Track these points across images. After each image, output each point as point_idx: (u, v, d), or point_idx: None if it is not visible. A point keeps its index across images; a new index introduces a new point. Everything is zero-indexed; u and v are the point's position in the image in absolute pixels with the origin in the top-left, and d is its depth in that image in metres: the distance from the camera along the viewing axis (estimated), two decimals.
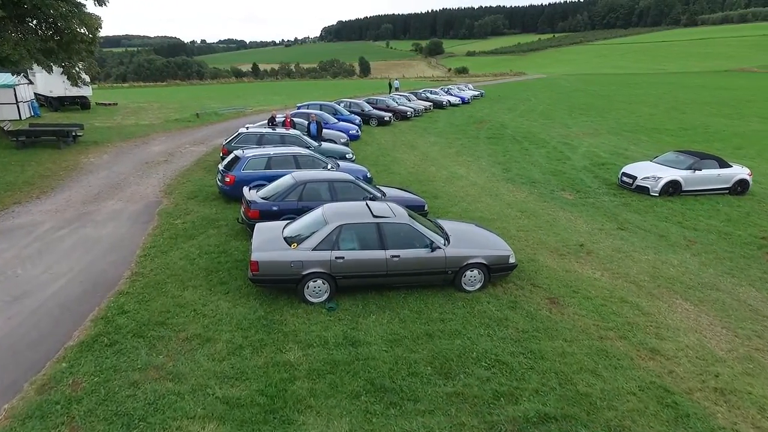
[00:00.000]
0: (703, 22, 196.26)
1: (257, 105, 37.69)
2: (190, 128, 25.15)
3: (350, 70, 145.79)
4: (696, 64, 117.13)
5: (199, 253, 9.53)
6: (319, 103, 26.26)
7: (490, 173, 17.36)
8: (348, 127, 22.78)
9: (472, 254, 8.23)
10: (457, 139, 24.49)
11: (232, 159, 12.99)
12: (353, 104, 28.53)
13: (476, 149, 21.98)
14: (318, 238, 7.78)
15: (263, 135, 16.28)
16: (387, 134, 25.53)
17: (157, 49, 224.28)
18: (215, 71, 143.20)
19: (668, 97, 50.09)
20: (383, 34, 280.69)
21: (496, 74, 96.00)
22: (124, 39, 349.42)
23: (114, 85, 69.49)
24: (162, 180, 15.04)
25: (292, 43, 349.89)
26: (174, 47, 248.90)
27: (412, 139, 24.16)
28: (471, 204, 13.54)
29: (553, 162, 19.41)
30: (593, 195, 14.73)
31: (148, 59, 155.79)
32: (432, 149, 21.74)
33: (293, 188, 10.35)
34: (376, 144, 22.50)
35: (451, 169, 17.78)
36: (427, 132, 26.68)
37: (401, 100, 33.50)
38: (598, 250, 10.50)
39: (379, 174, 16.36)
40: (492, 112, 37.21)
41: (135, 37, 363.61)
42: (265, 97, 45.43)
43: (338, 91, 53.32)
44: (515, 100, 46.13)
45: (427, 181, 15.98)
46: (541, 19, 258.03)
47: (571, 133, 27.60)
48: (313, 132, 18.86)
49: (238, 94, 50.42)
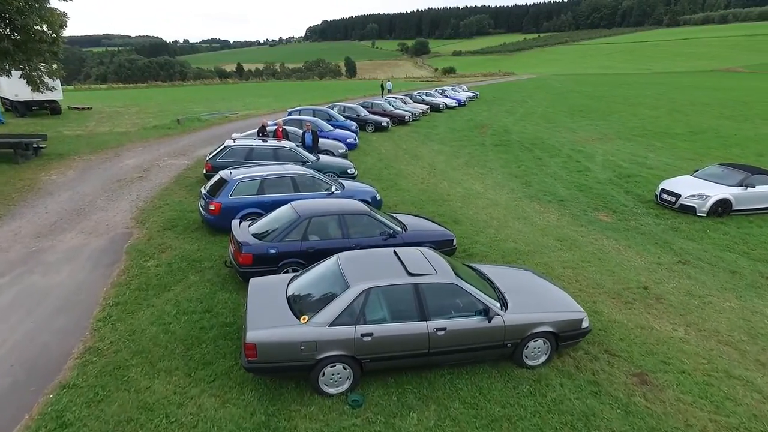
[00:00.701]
0: (685, 23, 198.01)
1: (243, 108, 35.32)
2: (170, 136, 22.77)
3: (336, 71, 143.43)
4: (682, 64, 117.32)
5: (175, 313, 7.37)
6: (312, 108, 24.07)
7: (509, 189, 15.41)
8: (345, 134, 20.66)
9: (537, 320, 6.22)
10: (463, 147, 22.54)
11: (217, 182, 10.80)
12: (348, 108, 26.40)
13: (486, 159, 20.04)
14: (337, 308, 5.69)
15: (253, 149, 14.10)
16: (386, 141, 23.47)
17: (139, 48, 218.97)
18: (198, 71, 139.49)
19: (665, 99, 48.90)
20: (369, 34, 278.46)
21: (486, 74, 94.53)
22: (105, 38, 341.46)
23: (91, 87, 66.22)
24: (134, 203, 12.76)
25: (277, 42, 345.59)
26: (156, 47, 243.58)
27: (415, 148, 22.14)
28: (499, 231, 11.56)
29: (573, 174, 17.56)
30: (633, 216, 12.88)
31: (129, 59, 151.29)
32: (438, 159, 19.75)
33: (295, 224, 8.24)
34: (376, 154, 20.43)
35: (466, 185, 15.79)
36: (428, 139, 24.68)
37: (397, 104, 31.48)
38: (666, 294, 8.60)
39: (386, 192, 14.31)
40: (491, 115, 35.39)
41: (116, 37, 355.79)
42: (251, 100, 43.01)
43: (327, 93, 51.11)
44: (512, 102, 44.43)
45: (442, 200, 13.97)
46: (526, 18, 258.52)
47: (579, 138, 25.88)
48: (308, 143, 16.73)
49: (223, 96, 47.88)
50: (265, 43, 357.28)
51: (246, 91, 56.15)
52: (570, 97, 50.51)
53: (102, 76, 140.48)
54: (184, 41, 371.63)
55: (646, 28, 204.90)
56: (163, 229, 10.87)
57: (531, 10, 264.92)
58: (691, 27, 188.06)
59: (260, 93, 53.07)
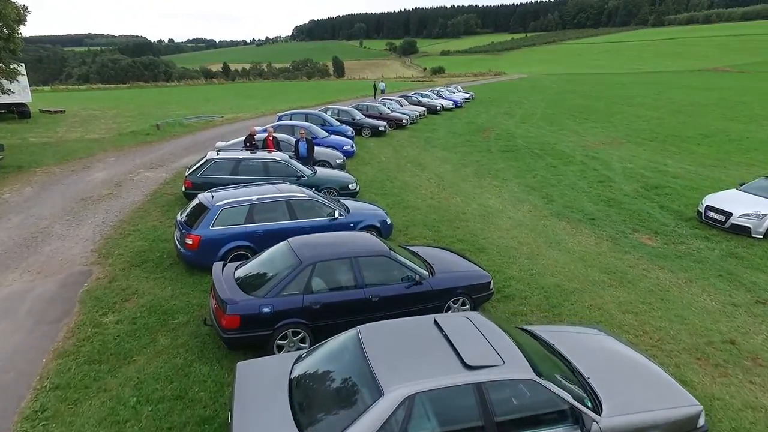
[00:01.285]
0: (670, 23, 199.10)
1: (229, 111, 33.17)
2: (148, 144, 20.64)
3: (324, 70, 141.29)
4: (670, 64, 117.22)
5: (136, 401, 5.42)
6: (304, 112, 22.10)
7: (530, 205, 13.64)
8: (341, 141, 18.74)
9: (645, 424, 4.41)
10: (469, 154, 20.76)
11: (196, 208, 8.84)
12: (342, 112, 24.47)
13: (496, 168, 18.28)
14: (371, 425, 3.82)
15: (239, 162, 12.12)
16: (385, 147, 21.59)
17: (122, 48, 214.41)
18: (184, 71, 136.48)
19: (663, 99, 47.74)
20: (356, 33, 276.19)
21: (477, 74, 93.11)
22: (87, 38, 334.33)
23: (69, 88, 63.26)
24: (99, 229, 10.73)
25: (264, 42, 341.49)
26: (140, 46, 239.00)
27: (417, 155, 20.30)
28: (532, 260, 9.77)
29: (595, 185, 15.87)
30: (679, 239, 11.17)
31: (112, 59, 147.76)
32: (445, 169, 17.93)
33: (295, 272, 6.33)
34: (376, 162, 18.54)
35: (481, 200, 13.98)
36: (430, 144, 22.85)
37: (393, 106, 29.62)
38: (762, 351, 6.85)
39: (393, 210, 12.46)
40: (490, 117, 33.71)
41: (99, 36, 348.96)
42: (237, 102, 40.82)
43: (317, 94, 49.10)
44: (509, 103, 42.84)
45: (458, 220, 12.14)
46: (513, 18, 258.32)
47: (588, 142, 24.29)
48: (303, 153, 14.79)
49: (208, 98, 45.60)
50: (251, 42, 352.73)
51: (232, 92, 53.88)
52: (567, 97, 49.12)
53: (84, 77, 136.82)
54: (169, 41, 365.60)
55: (632, 28, 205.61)
56: (130, 266, 8.88)
57: (518, 9, 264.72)
58: (676, 27, 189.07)
59: (247, 94, 50.85)
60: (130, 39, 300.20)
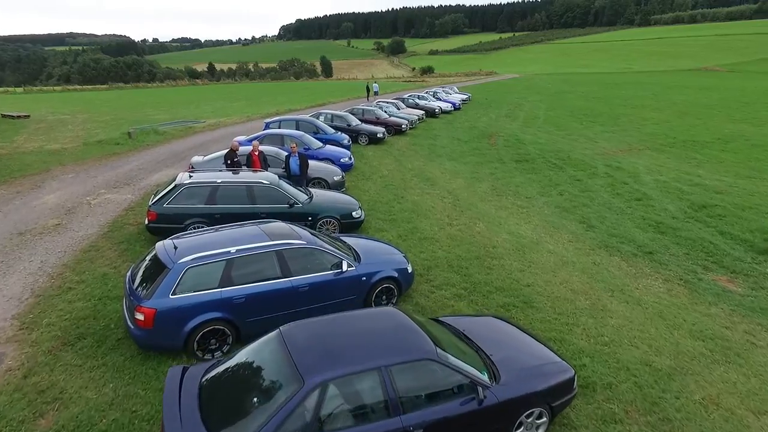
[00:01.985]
0: (656, 22, 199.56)
1: (212, 115, 30.51)
2: (116, 156, 17.98)
3: (312, 70, 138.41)
4: (659, 63, 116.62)
5: None
6: (294, 118, 19.58)
7: (568, 233, 11.37)
8: (338, 153, 16.32)
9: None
10: (479, 165, 18.49)
11: (151, 264, 6.38)
12: (336, 117, 22.01)
13: (514, 182, 16.01)
14: None
15: (217, 188, 9.64)
16: (386, 158, 19.21)
17: (105, 47, 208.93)
18: (168, 71, 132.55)
19: (664, 100, 46.09)
20: (344, 33, 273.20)
21: (468, 74, 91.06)
22: (69, 37, 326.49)
23: (43, 89, 59.68)
24: (32, 280, 8.20)
25: (250, 41, 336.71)
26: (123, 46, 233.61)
27: (422, 166, 17.95)
28: (598, 320, 7.48)
29: (633, 204, 13.69)
30: (763, 279, 9.01)
31: (94, 59, 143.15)
32: (456, 184, 15.61)
33: (295, 402, 3.90)
34: (377, 177, 16.13)
35: (509, 226, 11.68)
36: (434, 153, 20.53)
37: (390, 109, 27.24)
38: None
39: (407, 243, 10.13)
40: (492, 120, 31.52)
41: (80, 35, 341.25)
42: (222, 104, 38.10)
43: (306, 96, 46.50)
44: (508, 105, 40.72)
45: (488, 256, 9.81)
46: (500, 18, 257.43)
47: (604, 149, 22.22)
48: (295, 170, 12.39)
49: (191, 100, 42.77)
50: (237, 42, 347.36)
51: (217, 94, 51.03)
52: (566, 98, 47.21)
53: (65, 77, 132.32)
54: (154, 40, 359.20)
55: (619, 27, 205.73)
56: (61, 344, 6.39)
57: (505, 9, 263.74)
58: (662, 27, 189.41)
59: (232, 95, 48.07)
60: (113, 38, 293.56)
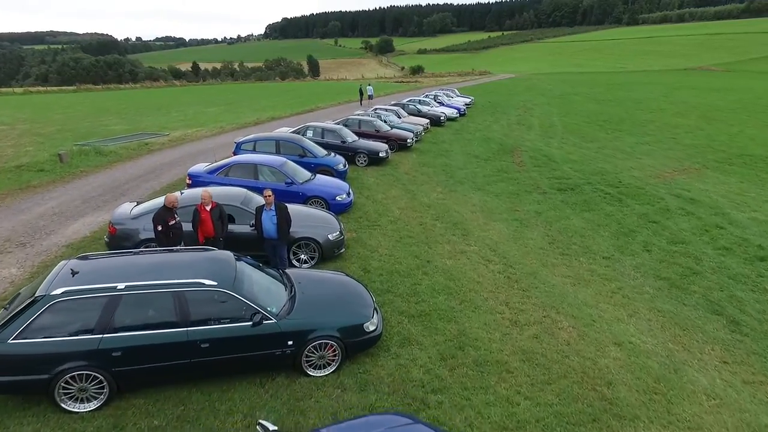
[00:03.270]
0: (644, 21, 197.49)
1: (181, 124, 25.72)
2: (31, 190, 13.20)
3: (299, 70, 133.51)
4: (653, 62, 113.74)
5: None
6: (275, 138, 14.89)
7: (710, 339, 7.02)
8: (331, 188, 11.74)
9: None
10: (516, 197, 14.13)
11: None
12: (327, 132, 17.43)
13: (572, 227, 11.67)
14: None
15: (118, 302, 5.07)
16: (393, 187, 14.69)
17: (86, 46, 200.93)
18: (151, 71, 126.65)
19: (678, 102, 42.33)
20: (331, 32, 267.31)
21: (462, 73, 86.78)
22: (49, 35, 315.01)
23: (1, 90, 53.96)
24: None
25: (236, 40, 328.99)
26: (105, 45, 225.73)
27: (443, 201, 13.51)
28: None
29: (759, 267, 9.46)
30: None
31: (74, 58, 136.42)
32: (497, 231, 11.21)
33: None
34: (387, 220, 11.58)
35: (612, 328, 7.24)
36: (453, 177, 16.11)
37: (390, 118, 22.76)
38: None
39: (456, 376, 5.72)
40: (505, 129, 27.23)
41: (61, 34, 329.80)
42: (196, 110, 33.22)
43: (292, 99, 41.74)
44: (516, 109, 36.48)
45: (609, 414, 5.40)
46: (488, 16, 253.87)
47: (653, 169, 18.13)
48: (270, 232, 7.95)
49: (164, 104, 37.74)
50: (223, 41, 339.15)
51: (195, 96, 45.96)
52: (573, 101, 43.16)
53: (42, 76, 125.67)
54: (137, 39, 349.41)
55: (607, 26, 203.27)
56: None
57: (493, 8, 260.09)
58: (651, 26, 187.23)
59: (211, 99, 43.10)
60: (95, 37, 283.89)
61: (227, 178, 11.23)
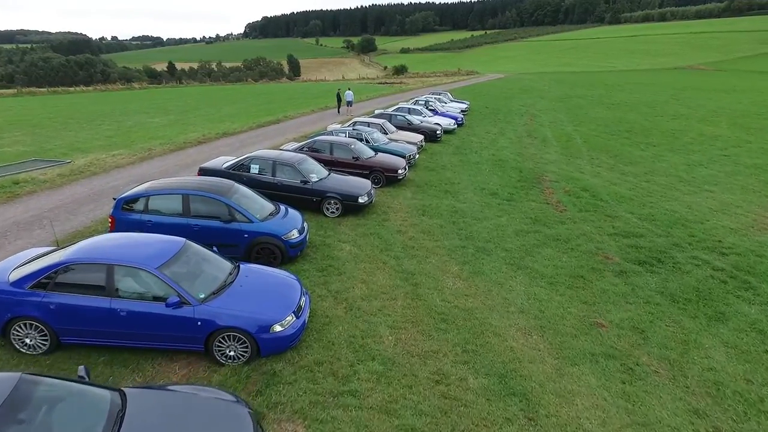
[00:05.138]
0: (626, 20, 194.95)
1: (100, 144, 19.50)
2: None
3: (278, 69, 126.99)
4: (641, 61, 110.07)
5: None
6: (180, 191, 8.94)
7: None
8: (260, 310, 5.99)
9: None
10: (583, 285, 8.46)
11: None
12: (280, 166, 11.46)
13: (723, 376, 6.08)
14: None
15: None
16: (378, 266, 8.84)
17: (56, 46, 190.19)
18: (124, 71, 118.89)
19: (694, 106, 37.43)
20: (312, 31, 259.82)
21: (448, 73, 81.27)
22: (19, 34, 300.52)
23: None
24: None
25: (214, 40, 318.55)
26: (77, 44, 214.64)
27: (464, 298, 7.76)
28: None
29: None
30: None
31: (43, 57, 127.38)
32: (588, 399, 5.53)
33: None
34: (368, 373, 5.84)
35: None
36: (470, 240, 10.32)
37: (375, 136, 16.94)
38: None
39: None
40: (516, 145, 21.66)
41: (32, 33, 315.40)
42: (138, 120, 26.87)
43: (262, 104, 35.56)
44: (519, 116, 30.99)
45: None
46: (471, 15, 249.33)
47: (739, 209, 12.70)
48: None
49: (105, 111, 31.13)
50: (201, 40, 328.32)
51: (148, 102, 39.36)
52: (578, 105, 37.90)
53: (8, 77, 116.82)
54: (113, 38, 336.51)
55: (590, 25, 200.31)
56: None
57: (476, 6, 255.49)
58: (633, 24, 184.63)
59: (167, 105, 36.65)
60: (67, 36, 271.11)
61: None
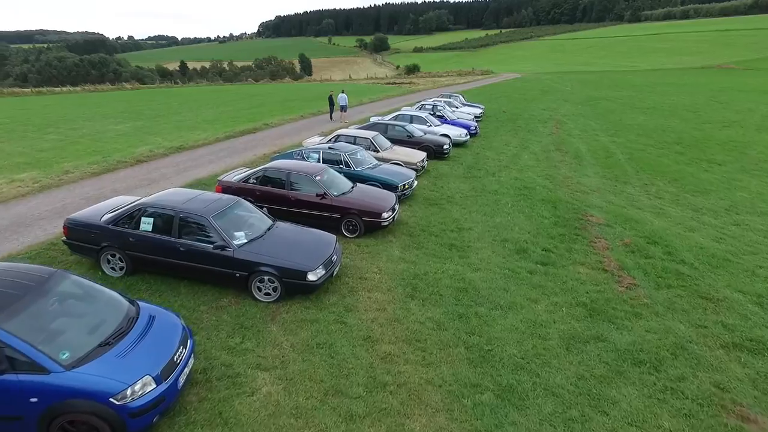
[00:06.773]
0: (646, 18, 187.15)
1: (27, 160, 15.54)
2: None
3: (290, 69, 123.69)
4: (665, 61, 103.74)
5: None
6: None
7: None
8: None
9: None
10: None
11: None
12: (184, 221, 7.31)
13: None
14: None
15: None
16: None
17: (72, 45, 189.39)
18: (137, 71, 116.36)
19: (743, 111, 32.42)
20: (325, 30, 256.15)
21: (462, 73, 76.48)
22: (38, 34, 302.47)
23: None
24: None
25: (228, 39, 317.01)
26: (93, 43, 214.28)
27: None
28: None
29: None
30: None
31: (58, 57, 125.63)
32: None
33: None
34: None
35: None
36: (490, 362, 5.88)
37: (360, 156, 12.62)
38: None
39: None
40: (542, 163, 17.13)
41: (51, 32, 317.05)
42: (101, 126, 22.93)
43: (249, 107, 31.45)
44: (545, 124, 26.35)
45: None
46: (486, 14, 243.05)
47: None
48: None
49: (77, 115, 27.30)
50: (215, 40, 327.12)
51: (128, 103, 35.50)
52: (611, 110, 33.04)
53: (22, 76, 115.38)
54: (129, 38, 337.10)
55: (608, 23, 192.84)
56: None
57: (491, 5, 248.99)
58: (654, 22, 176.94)
59: (146, 107, 32.73)
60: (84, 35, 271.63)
61: None
